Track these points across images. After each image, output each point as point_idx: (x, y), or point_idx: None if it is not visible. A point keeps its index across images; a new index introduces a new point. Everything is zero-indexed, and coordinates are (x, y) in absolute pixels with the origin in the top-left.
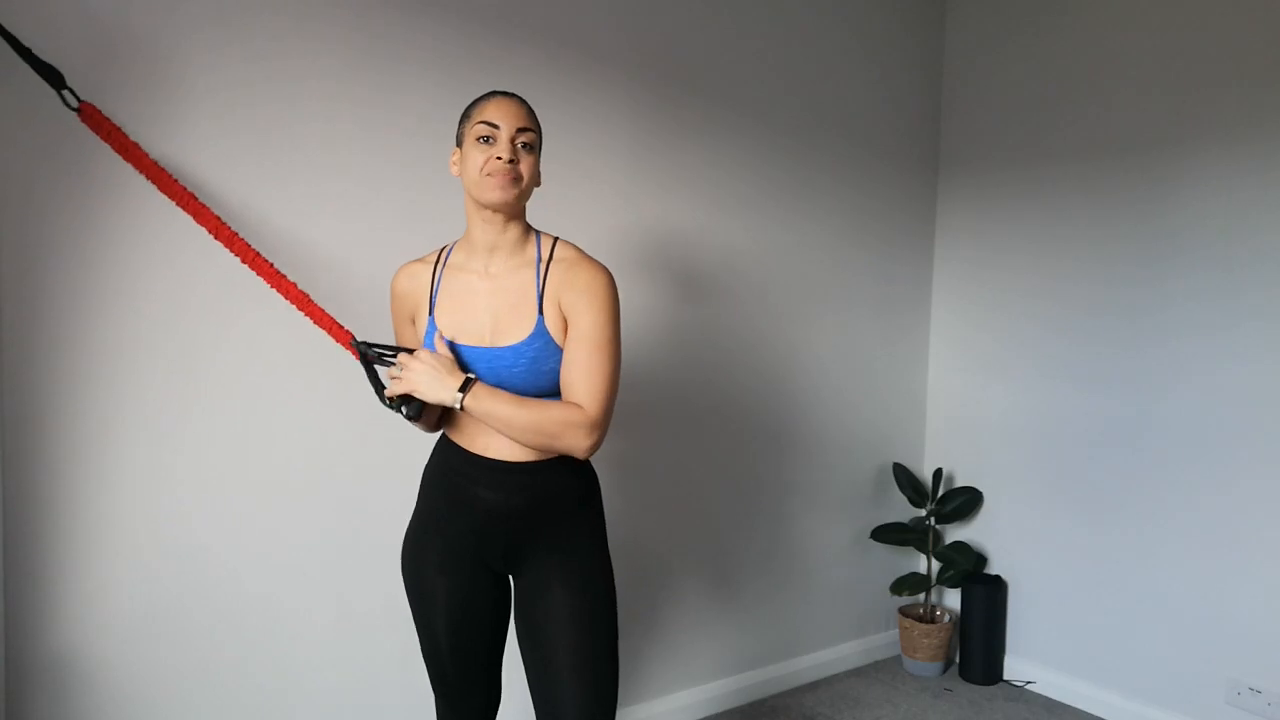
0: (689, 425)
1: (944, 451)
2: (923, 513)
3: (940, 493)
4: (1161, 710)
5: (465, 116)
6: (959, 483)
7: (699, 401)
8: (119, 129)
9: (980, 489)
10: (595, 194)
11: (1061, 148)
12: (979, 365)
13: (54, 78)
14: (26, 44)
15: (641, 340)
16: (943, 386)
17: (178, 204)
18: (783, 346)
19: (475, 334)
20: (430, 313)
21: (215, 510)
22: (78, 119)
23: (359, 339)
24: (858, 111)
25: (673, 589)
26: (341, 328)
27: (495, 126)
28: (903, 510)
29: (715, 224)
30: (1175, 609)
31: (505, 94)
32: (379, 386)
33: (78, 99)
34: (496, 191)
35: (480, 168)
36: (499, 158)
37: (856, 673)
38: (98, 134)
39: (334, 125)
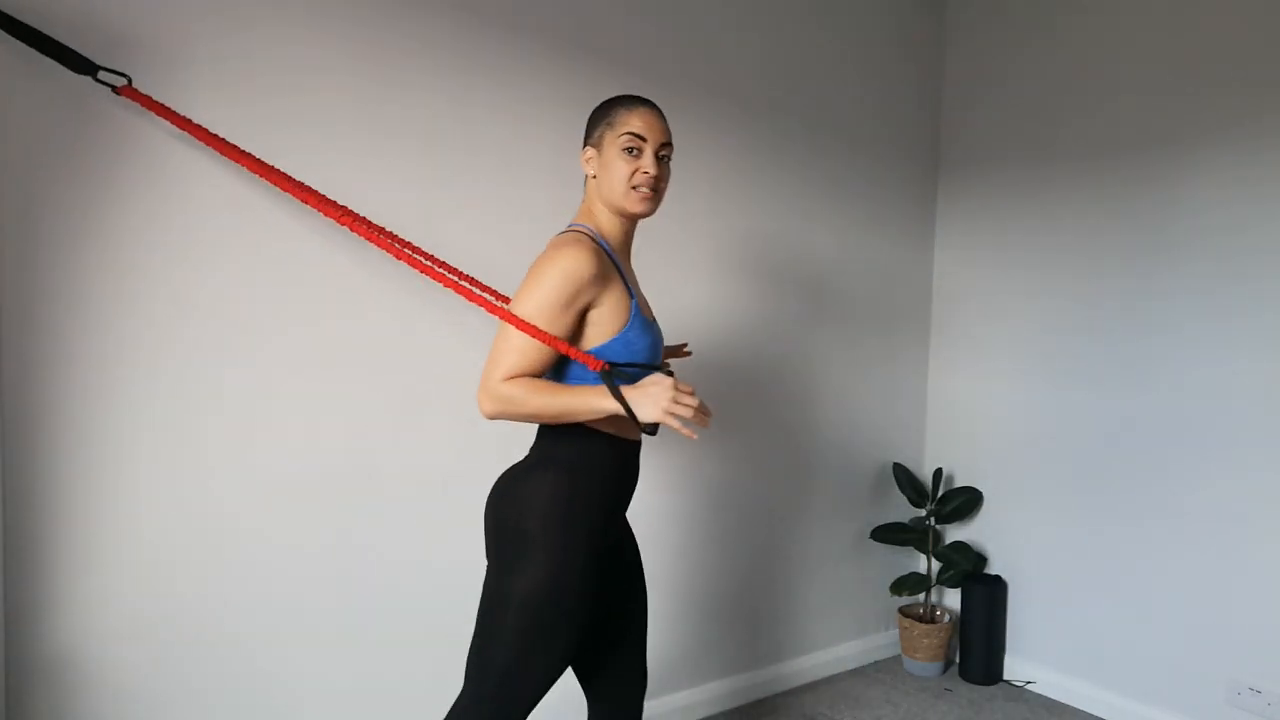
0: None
1: (944, 451)
2: (923, 513)
3: (940, 493)
4: (1161, 710)
5: (604, 118)
6: (959, 483)
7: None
8: (161, 103)
9: (980, 489)
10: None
11: (1061, 148)
12: (979, 365)
13: (84, 65)
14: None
15: None
16: (943, 386)
17: (249, 168)
18: (783, 346)
19: (650, 313)
20: (632, 296)
21: (216, 510)
22: (84, 105)
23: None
24: (858, 112)
25: (672, 589)
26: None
27: (643, 139)
28: (903, 510)
29: (712, 224)
30: (1175, 609)
31: (649, 105)
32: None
33: (124, 76)
34: (643, 204)
35: (626, 179)
36: (646, 172)
37: (856, 673)
38: (148, 108)
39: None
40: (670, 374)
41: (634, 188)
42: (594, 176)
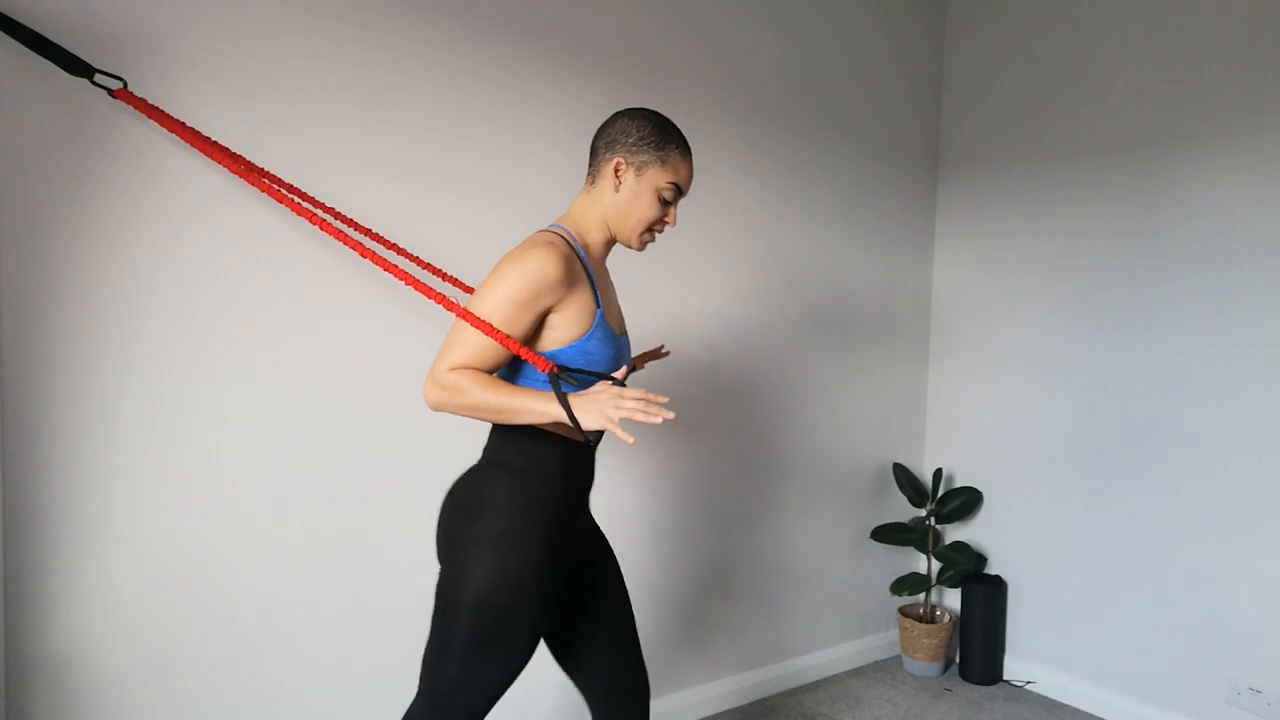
0: (686, 426)
1: (944, 451)
2: (923, 513)
3: (940, 493)
4: (1161, 710)
5: (657, 147)
6: (959, 483)
7: (695, 401)
8: (156, 107)
9: (980, 489)
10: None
11: (1061, 147)
12: (979, 365)
13: (81, 68)
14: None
15: (639, 344)
16: (942, 386)
17: (235, 172)
18: (783, 346)
19: (620, 325)
20: (598, 305)
21: (217, 509)
22: (73, 107)
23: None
24: (858, 111)
25: (672, 589)
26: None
27: (681, 193)
28: (903, 510)
29: (711, 223)
30: (1175, 609)
31: (691, 153)
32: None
33: (119, 79)
34: (645, 247)
35: (648, 222)
36: (669, 224)
37: (856, 673)
38: (142, 112)
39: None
40: (622, 384)
41: (651, 231)
42: (615, 191)
